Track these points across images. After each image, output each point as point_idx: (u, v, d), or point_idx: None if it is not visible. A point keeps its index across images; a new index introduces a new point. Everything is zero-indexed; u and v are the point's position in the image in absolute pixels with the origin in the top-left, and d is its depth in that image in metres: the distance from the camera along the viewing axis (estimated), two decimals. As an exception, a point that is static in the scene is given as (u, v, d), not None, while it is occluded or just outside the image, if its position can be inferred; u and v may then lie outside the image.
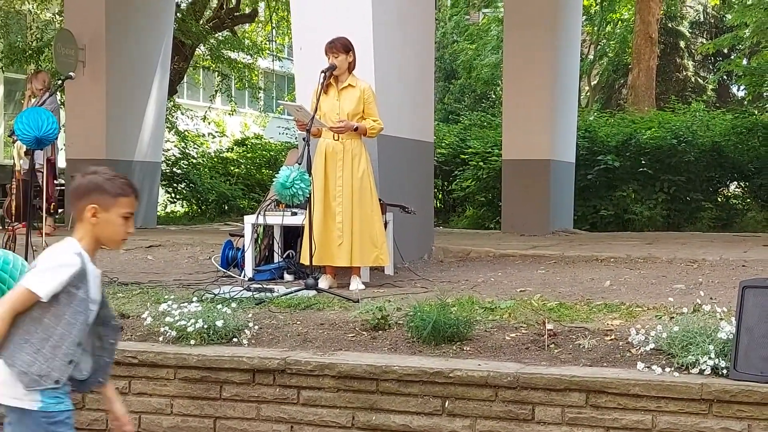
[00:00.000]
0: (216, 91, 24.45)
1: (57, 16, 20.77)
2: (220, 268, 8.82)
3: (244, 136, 25.27)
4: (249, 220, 8.53)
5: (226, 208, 20.35)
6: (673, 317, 5.73)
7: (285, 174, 7.15)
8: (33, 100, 12.26)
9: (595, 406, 5.04)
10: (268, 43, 27.09)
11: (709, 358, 4.96)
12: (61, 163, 15.82)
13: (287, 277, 8.30)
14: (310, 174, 7.39)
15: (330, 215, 7.78)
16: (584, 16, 24.70)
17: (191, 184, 20.48)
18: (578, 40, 16.15)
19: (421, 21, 9.95)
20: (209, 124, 25.34)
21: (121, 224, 3.42)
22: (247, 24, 25.41)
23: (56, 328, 3.36)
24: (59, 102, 13.28)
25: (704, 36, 33.72)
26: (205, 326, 5.81)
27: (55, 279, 3.32)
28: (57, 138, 8.18)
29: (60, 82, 10.84)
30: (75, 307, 3.39)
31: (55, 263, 3.34)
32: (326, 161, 7.82)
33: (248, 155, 22.61)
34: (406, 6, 9.48)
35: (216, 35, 22.39)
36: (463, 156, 17.48)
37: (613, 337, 5.60)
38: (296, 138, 12.59)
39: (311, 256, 7.48)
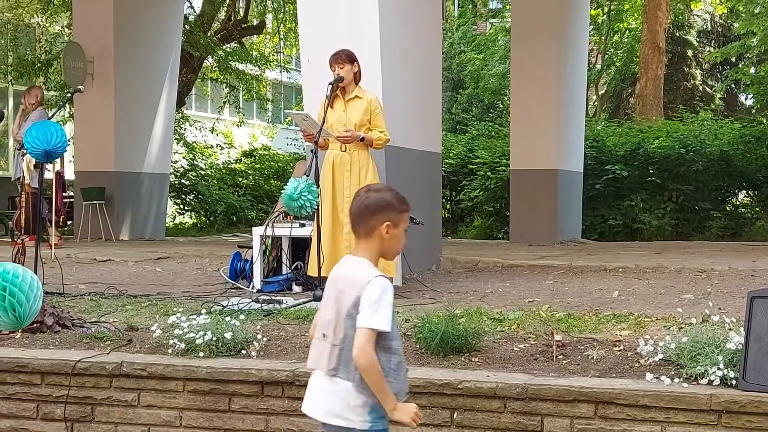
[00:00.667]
0: (224, 103, 24.50)
1: (66, 29, 20.84)
2: (229, 280, 8.83)
3: (252, 148, 25.31)
4: (257, 231, 8.55)
5: (235, 219, 20.38)
6: (681, 328, 5.72)
7: (293, 186, 7.17)
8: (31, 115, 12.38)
9: (604, 417, 5.03)
10: (275, 54, 27.13)
11: (718, 368, 4.95)
12: (70, 175, 15.88)
13: (295, 288, 8.31)
14: (317, 185, 7.40)
15: (338, 226, 7.78)
16: (591, 26, 24.72)
17: (200, 196, 20.52)
18: (585, 50, 16.17)
19: (428, 31, 9.97)
20: (217, 135, 25.38)
21: (403, 237, 3.57)
22: (255, 36, 25.47)
23: (393, 344, 3.47)
24: (48, 116, 13.32)
25: (712, 45, 33.66)
26: (214, 338, 5.81)
27: (389, 307, 3.45)
28: (66, 151, 8.19)
29: (69, 95, 10.87)
30: (395, 320, 3.51)
31: (380, 293, 3.44)
32: (334, 172, 7.84)
33: (256, 166, 22.65)
34: (412, 17, 9.50)
35: (224, 47, 22.44)
36: (470, 166, 17.49)
37: (621, 347, 5.59)
38: (304, 149, 12.62)
39: (319, 268, 7.49)
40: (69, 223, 15.13)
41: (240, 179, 21.96)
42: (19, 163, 12.55)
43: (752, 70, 28.96)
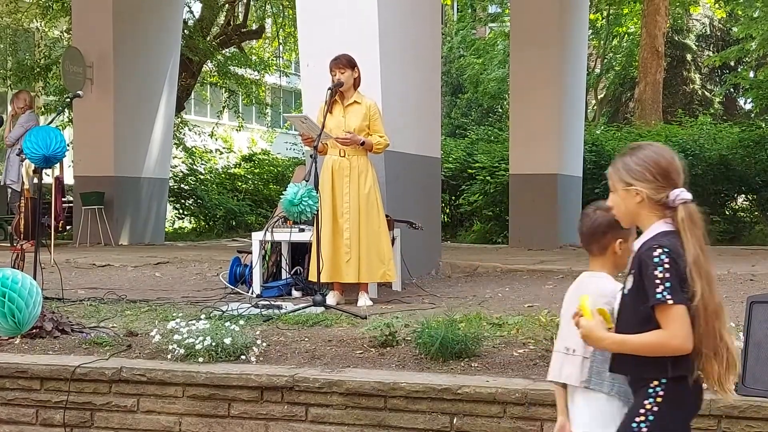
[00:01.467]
0: (223, 107, 24.52)
1: (65, 34, 20.85)
2: (228, 285, 8.83)
3: (251, 152, 25.31)
4: (257, 236, 8.55)
5: (234, 223, 20.37)
6: (681, 332, 5.70)
7: (292, 191, 7.17)
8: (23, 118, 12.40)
9: (603, 422, 5.02)
10: (275, 59, 27.15)
11: (718, 373, 4.94)
12: (69, 180, 15.88)
13: (295, 293, 8.30)
14: (317, 190, 7.40)
15: (337, 232, 7.79)
16: (590, 30, 24.75)
17: (199, 200, 20.51)
18: (585, 54, 16.18)
19: (427, 36, 9.98)
20: (217, 140, 25.39)
21: (628, 251, 3.52)
22: (255, 40, 25.49)
23: None
24: (37, 119, 13.33)
25: (711, 49, 33.73)
26: (213, 344, 5.81)
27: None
28: (65, 156, 8.18)
29: (68, 100, 10.88)
30: None
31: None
32: (333, 178, 7.84)
33: (256, 171, 22.64)
34: (412, 21, 9.52)
35: (223, 51, 22.47)
36: (470, 170, 17.49)
37: (621, 352, 5.58)
38: (304, 153, 12.63)
39: (319, 273, 7.49)
40: (68, 228, 15.11)
41: (239, 184, 21.95)
42: (10, 167, 12.54)
43: (751, 74, 29.02)
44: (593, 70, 29.68)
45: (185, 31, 18.90)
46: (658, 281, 3.08)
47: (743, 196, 17.31)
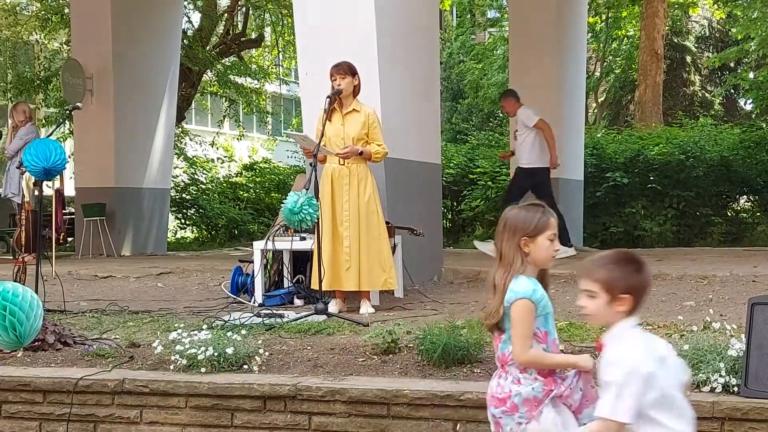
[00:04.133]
0: (224, 117, 24.52)
1: (64, 46, 20.88)
2: (230, 295, 8.83)
3: (252, 161, 25.31)
4: (258, 245, 8.55)
5: (236, 232, 20.37)
6: (683, 335, 5.71)
7: (293, 199, 7.18)
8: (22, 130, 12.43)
9: (606, 426, 5.01)
10: (274, 67, 27.17)
11: (720, 375, 4.95)
12: (70, 191, 15.89)
13: (297, 302, 8.30)
14: (317, 199, 7.41)
15: (338, 240, 7.79)
16: (589, 34, 24.76)
17: (201, 210, 20.52)
18: (584, 58, 16.18)
19: (426, 42, 9.99)
20: (218, 149, 25.40)
21: None
22: (254, 49, 25.50)
23: None
24: (37, 131, 13.36)
25: (710, 50, 33.74)
26: (216, 354, 5.81)
27: None
28: (65, 168, 8.19)
29: (68, 112, 10.90)
30: None
31: None
32: (333, 186, 7.85)
33: (257, 179, 22.65)
34: (410, 28, 9.52)
35: (223, 61, 22.48)
36: (471, 176, 17.50)
37: (623, 356, 5.57)
38: (304, 161, 12.61)
39: (320, 281, 7.49)
40: (69, 240, 15.11)
41: (241, 192, 21.96)
42: (10, 180, 12.55)
43: (751, 75, 29.00)
44: (593, 74, 29.69)
45: (185, 41, 18.92)
46: None
47: (745, 197, 17.30)
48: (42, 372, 6.00)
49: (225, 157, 25.30)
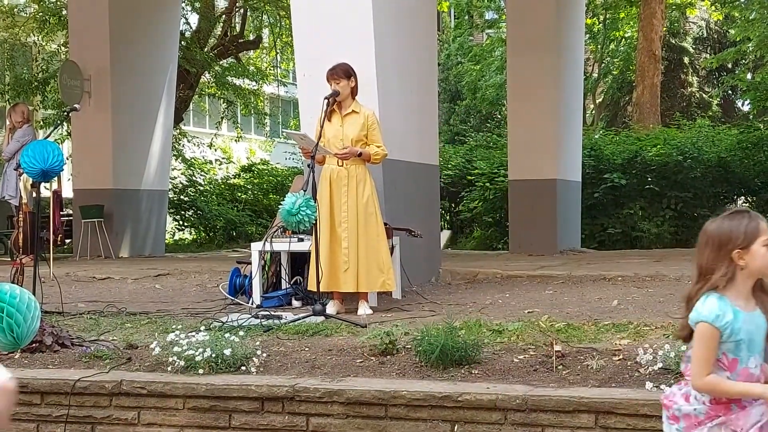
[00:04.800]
0: (222, 118, 24.53)
1: (62, 48, 20.88)
2: (228, 296, 8.82)
3: (250, 162, 25.34)
4: (256, 247, 8.54)
5: (234, 234, 20.38)
6: (681, 336, 5.70)
7: (291, 201, 7.16)
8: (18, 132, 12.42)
9: (604, 427, 5.01)
10: (272, 68, 27.18)
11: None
12: (68, 193, 15.87)
13: (295, 303, 8.29)
14: (315, 200, 7.40)
15: (336, 241, 7.79)
16: (587, 35, 24.77)
17: (199, 211, 20.53)
18: (581, 59, 16.19)
19: (424, 43, 9.99)
20: (216, 150, 25.41)
21: None
22: (252, 50, 25.51)
23: None
24: (35, 133, 13.34)
25: (708, 51, 33.77)
26: (213, 355, 5.80)
27: None
28: (63, 170, 8.19)
29: (66, 113, 10.89)
30: None
31: None
32: (331, 187, 7.84)
33: (255, 181, 22.67)
34: (407, 29, 9.52)
35: (221, 62, 22.48)
36: (469, 177, 17.51)
37: (621, 357, 5.58)
38: (302, 163, 12.61)
39: (318, 282, 7.49)
40: (68, 241, 15.10)
41: (239, 194, 21.97)
42: (7, 182, 12.54)
43: (749, 76, 29.04)
44: (591, 75, 29.72)
45: (182, 42, 18.92)
46: None
47: (742, 197, 17.32)
48: (39, 373, 6.00)
49: (223, 158, 25.31)
